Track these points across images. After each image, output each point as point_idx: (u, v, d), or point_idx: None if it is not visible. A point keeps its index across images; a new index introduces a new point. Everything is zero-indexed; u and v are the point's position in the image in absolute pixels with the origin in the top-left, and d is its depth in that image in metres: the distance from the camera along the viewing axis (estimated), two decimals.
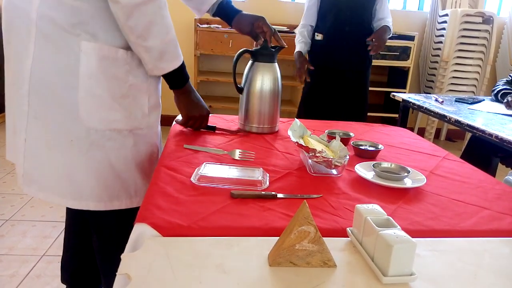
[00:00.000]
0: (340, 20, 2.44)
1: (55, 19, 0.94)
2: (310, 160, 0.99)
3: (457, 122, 1.80)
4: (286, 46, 1.34)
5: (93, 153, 1.03)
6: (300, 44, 2.57)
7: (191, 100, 1.20)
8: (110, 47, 0.99)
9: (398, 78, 3.98)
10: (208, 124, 1.30)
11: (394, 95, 2.38)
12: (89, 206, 1.08)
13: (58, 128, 1.01)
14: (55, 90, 0.98)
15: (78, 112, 0.99)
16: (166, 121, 1.20)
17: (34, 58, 0.96)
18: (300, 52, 2.53)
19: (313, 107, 2.64)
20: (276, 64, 1.33)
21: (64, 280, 1.37)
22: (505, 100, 2.08)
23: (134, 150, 1.10)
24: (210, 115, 1.30)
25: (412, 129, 4.18)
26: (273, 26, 1.32)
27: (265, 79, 1.29)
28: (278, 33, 1.33)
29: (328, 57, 2.52)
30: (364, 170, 1.01)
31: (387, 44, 3.69)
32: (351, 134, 1.30)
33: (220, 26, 3.60)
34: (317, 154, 0.96)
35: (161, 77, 1.13)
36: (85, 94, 0.99)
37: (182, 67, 1.10)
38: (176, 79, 1.13)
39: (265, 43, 1.29)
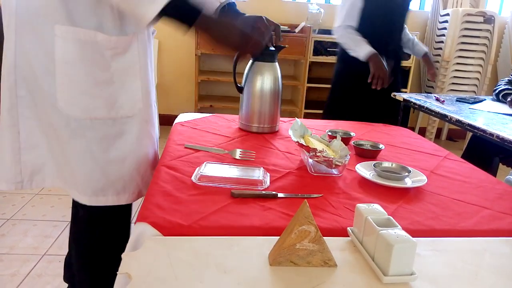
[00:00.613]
0: (387, 26, 2.23)
1: (31, 3, 0.91)
2: (310, 160, 0.99)
3: (458, 122, 1.79)
4: (287, 46, 1.33)
5: (74, 143, 0.99)
6: (365, 43, 2.14)
7: (221, 27, 0.97)
8: (87, 30, 0.93)
9: (399, 77, 3.97)
10: (270, 48, 1.17)
11: (395, 95, 2.38)
12: (75, 196, 1.05)
13: (45, 117, 0.99)
14: (37, 78, 0.95)
15: (56, 99, 0.96)
16: (166, 121, 1.20)
17: (16, 48, 0.94)
18: (376, 53, 2.10)
19: (343, 108, 2.44)
20: (277, 63, 1.33)
21: (66, 278, 1.37)
22: (508, 99, 2.08)
23: (121, 141, 1.03)
24: (212, 114, 1.27)
25: (413, 129, 4.17)
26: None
27: (265, 79, 1.29)
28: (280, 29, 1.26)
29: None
30: (365, 170, 1.01)
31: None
32: (352, 133, 1.30)
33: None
34: (318, 154, 0.96)
35: (152, 57, 1.09)
36: (62, 81, 0.95)
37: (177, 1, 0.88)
38: (178, 16, 0.91)
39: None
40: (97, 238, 1.13)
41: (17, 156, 1.02)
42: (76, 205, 1.20)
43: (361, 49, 2.13)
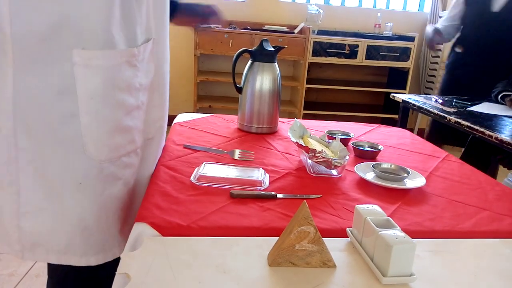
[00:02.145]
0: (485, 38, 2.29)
1: (33, 26, 0.69)
2: (310, 161, 0.99)
3: (457, 123, 1.80)
4: (286, 47, 1.33)
5: (110, 192, 0.82)
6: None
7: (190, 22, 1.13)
8: (112, 51, 0.75)
9: (398, 78, 3.98)
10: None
11: (394, 96, 2.38)
12: (114, 254, 0.87)
13: (60, 171, 0.78)
14: (50, 123, 0.75)
15: (83, 145, 0.77)
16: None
17: (15, 87, 0.72)
18: (437, 28, 2.40)
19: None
20: (276, 64, 1.33)
21: None
22: (507, 99, 2.08)
23: (148, 165, 0.95)
24: (211, 114, 1.26)
25: (412, 130, 4.18)
26: (272, 27, 1.30)
27: (264, 79, 1.29)
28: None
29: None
30: (364, 171, 1.01)
31: (386, 44, 3.71)
32: (351, 134, 1.30)
33: (220, 26, 3.60)
34: (317, 155, 0.96)
35: (168, 58, 0.99)
36: (90, 121, 0.76)
37: None
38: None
39: (265, 42, 1.29)
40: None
41: (14, 221, 0.81)
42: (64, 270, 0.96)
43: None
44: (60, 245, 0.83)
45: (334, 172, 1.00)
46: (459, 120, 1.79)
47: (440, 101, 2.18)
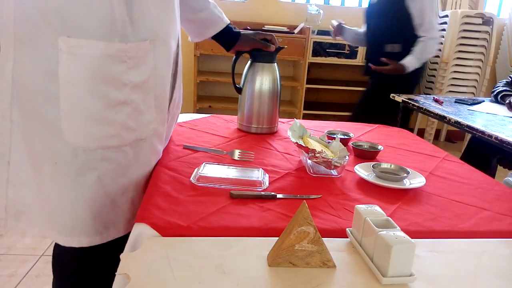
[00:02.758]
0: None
1: (31, 10, 0.75)
2: (309, 161, 0.99)
3: (457, 123, 1.80)
4: (286, 47, 1.34)
5: (83, 180, 0.84)
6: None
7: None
8: (99, 42, 0.77)
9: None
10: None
11: (394, 96, 2.38)
12: (82, 241, 0.88)
13: (42, 149, 0.83)
14: (37, 102, 0.79)
15: (61, 128, 0.80)
16: None
17: (14, 63, 0.78)
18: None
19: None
20: (276, 64, 1.33)
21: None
22: (507, 101, 2.08)
23: (135, 167, 0.91)
24: (211, 115, 1.27)
25: (411, 130, 4.18)
26: (272, 27, 1.33)
27: (264, 80, 1.29)
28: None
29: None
30: (364, 171, 1.01)
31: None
32: (351, 134, 1.30)
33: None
34: (317, 155, 0.96)
35: (171, 64, 1.00)
36: (69, 106, 0.79)
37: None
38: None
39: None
40: (86, 277, 1.02)
41: (3, 190, 0.86)
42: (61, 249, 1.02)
43: None
44: (41, 218, 0.88)
45: (334, 172, 1.00)
46: (459, 120, 1.79)
47: (440, 101, 2.18)
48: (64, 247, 0.89)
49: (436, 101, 2.19)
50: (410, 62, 2.29)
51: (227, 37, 1.25)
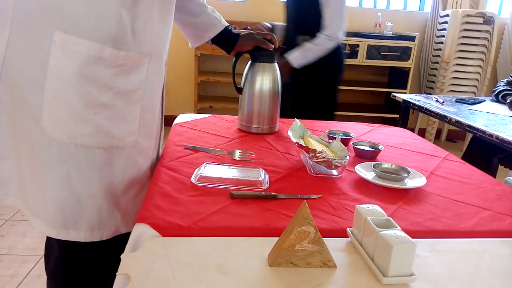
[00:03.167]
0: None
1: (30, 3, 0.79)
2: (310, 161, 0.99)
3: (458, 123, 1.80)
4: (286, 47, 1.34)
5: (52, 168, 0.86)
6: None
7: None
8: (93, 43, 0.80)
9: (399, 78, 3.98)
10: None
11: (394, 96, 2.38)
12: (41, 227, 0.90)
13: (23, 131, 0.86)
14: (24, 88, 0.82)
15: (41, 117, 0.83)
16: (166, 121, 1.20)
17: (8, 46, 0.81)
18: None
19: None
20: (276, 64, 1.33)
21: None
22: (507, 101, 2.08)
23: (105, 173, 0.90)
24: (211, 115, 1.28)
25: (412, 130, 4.18)
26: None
27: (264, 80, 1.29)
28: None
29: None
30: (364, 171, 1.01)
31: (387, 44, 3.71)
32: (352, 134, 1.30)
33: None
34: (317, 155, 0.96)
35: (164, 81, 1.03)
36: (51, 97, 0.82)
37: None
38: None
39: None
40: (71, 276, 1.03)
41: None
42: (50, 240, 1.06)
43: None
44: (16, 190, 0.92)
45: (334, 172, 1.00)
46: (460, 120, 1.78)
47: (441, 100, 2.17)
48: (49, 241, 0.95)
49: (437, 100, 2.19)
50: (295, 58, 2.11)
51: (227, 40, 1.26)
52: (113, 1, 0.81)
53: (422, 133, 4.22)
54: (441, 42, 3.90)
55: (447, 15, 3.85)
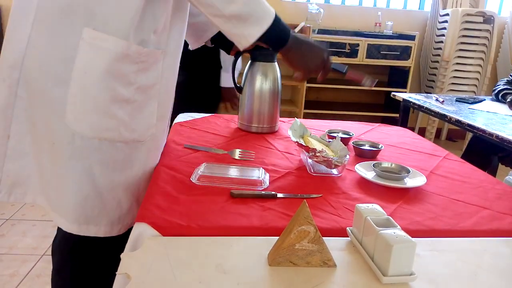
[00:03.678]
0: None
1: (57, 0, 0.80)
2: (310, 160, 0.99)
3: (458, 122, 1.79)
4: None
5: (75, 163, 0.86)
6: None
7: (302, 52, 0.99)
8: (120, 40, 0.82)
9: (399, 77, 3.98)
10: (333, 67, 1.06)
11: (394, 95, 2.38)
12: (62, 223, 0.91)
13: (43, 128, 0.87)
14: (46, 82, 0.83)
15: (65, 112, 0.84)
16: None
17: (29, 42, 0.82)
18: None
19: None
20: (276, 63, 1.33)
21: None
22: (508, 100, 2.08)
23: (127, 167, 0.92)
24: (211, 114, 1.27)
25: (412, 129, 4.17)
26: None
27: (265, 79, 1.29)
28: None
29: None
30: (364, 170, 1.01)
31: (387, 43, 3.71)
32: (352, 133, 1.30)
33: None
34: (317, 154, 0.96)
35: (176, 75, 1.02)
36: (76, 92, 0.83)
37: (276, 20, 0.91)
38: (275, 37, 0.93)
39: None
40: (80, 271, 1.03)
41: (0, 163, 0.90)
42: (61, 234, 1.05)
43: None
44: (37, 187, 0.92)
45: (334, 171, 1.00)
46: (460, 119, 1.78)
47: (441, 99, 2.17)
48: (63, 235, 0.94)
49: (437, 100, 2.19)
50: None
51: (226, 40, 1.23)
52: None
53: (422, 132, 4.22)
54: (441, 41, 3.90)
55: (447, 14, 3.84)
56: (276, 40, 0.95)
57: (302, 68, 1.01)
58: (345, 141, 1.22)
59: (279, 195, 0.85)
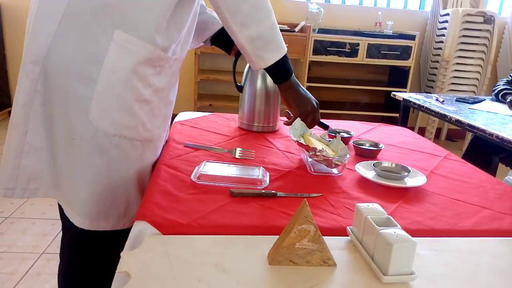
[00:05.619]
0: None
1: (90, 1, 0.83)
2: (310, 159, 0.99)
3: (458, 122, 1.79)
4: (286, 45, 1.32)
5: (94, 159, 0.89)
6: None
7: (300, 94, 1.09)
8: (148, 44, 0.87)
9: (399, 77, 3.98)
10: (321, 120, 1.19)
11: (394, 95, 2.38)
12: (75, 219, 0.94)
13: (62, 123, 0.88)
14: (70, 79, 0.85)
15: (90, 109, 0.86)
16: None
17: (54, 38, 0.84)
18: None
19: None
20: None
21: None
22: (508, 100, 2.08)
23: (138, 164, 0.97)
24: (211, 113, 1.27)
25: (412, 129, 4.17)
26: None
27: (265, 78, 1.29)
28: None
29: None
30: (365, 169, 1.01)
31: (387, 43, 3.71)
32: (352, 133, 1.30)
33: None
34: (318, 153, 0.96)
35: (178, 80, 1.07)
36: (104, 90, 0.86)
37: (286, 55, 1.00)
38: (281, 71, 1.02)
39: None
40: (93, 267, 1.04)
41: (18, 160, 0.91)
42: (67, 228, 1.05)
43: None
44: (50, 182, 0.94)
45: (334, 170, 1.00)
46: (460, 119, 1.78)
47: (441, 99, 2.17)
48: (77, 231, 0.95)
49: (437, 99, 2.19)
50: None
51: (226, 40, 1.23)
52: (165, 7, 0.87)
53: (422, 132, 4.22)
54: (441, 41, 3.90)
55: (448, 14, 3.84)
56: (283, 72, 1.04)
57: (297, 108, 1.09)
58: (345, 140, 1.22)
59: (279, 194, 0.85)
